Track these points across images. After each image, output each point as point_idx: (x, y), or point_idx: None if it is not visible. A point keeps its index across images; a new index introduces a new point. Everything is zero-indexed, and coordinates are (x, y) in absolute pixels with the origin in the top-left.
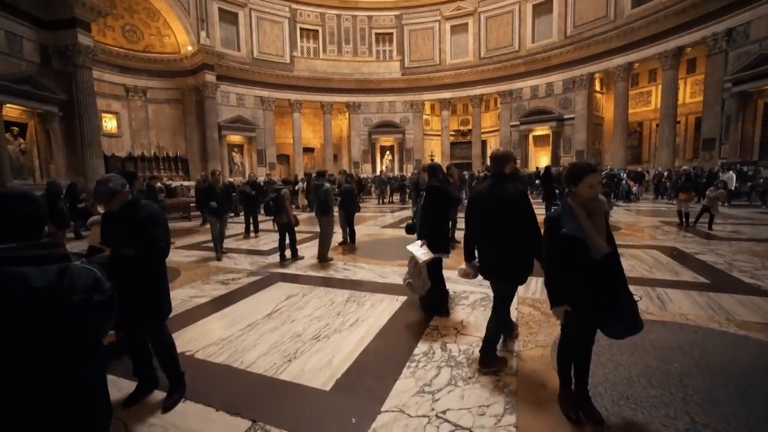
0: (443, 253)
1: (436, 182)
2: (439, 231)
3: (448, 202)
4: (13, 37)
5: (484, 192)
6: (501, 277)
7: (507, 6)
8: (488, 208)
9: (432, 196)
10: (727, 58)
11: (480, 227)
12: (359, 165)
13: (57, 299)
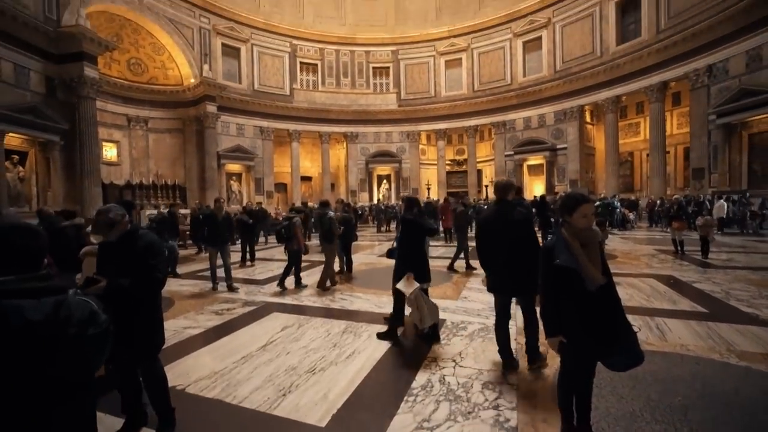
0: (424, 282)
1: (411, 215)
2: (417, 261)
3: (422, 233)
4: (21, 70)
5: (490, 216)
6: (507, 292)
7: (498, 43)
8: (496, 231)
9: (407, 228)
10: (709, 92)
11: (489, 247)
12: (356, 194)
13: (53, 332)
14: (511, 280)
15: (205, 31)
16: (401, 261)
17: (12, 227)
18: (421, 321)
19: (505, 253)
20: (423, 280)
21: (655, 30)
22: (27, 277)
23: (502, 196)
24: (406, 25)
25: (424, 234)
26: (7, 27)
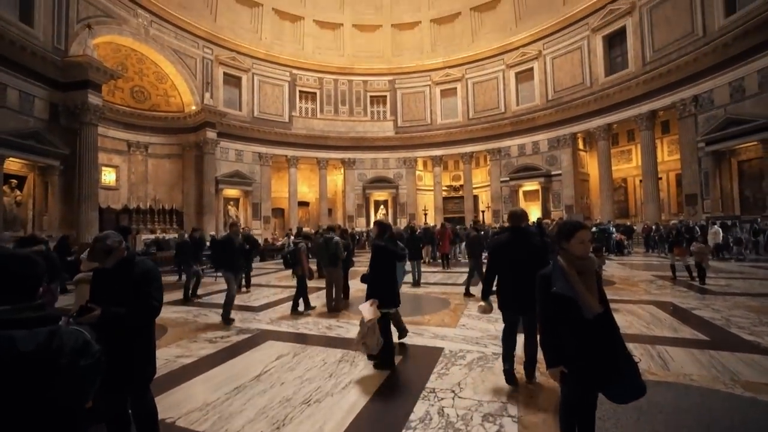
0: (391, 308)
1: (381, 240)
2: (386, 287)
3: (392, 259)
4: (26, 96)
5: (505, 241)
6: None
7: (491, 73)
8: (513, 254)
9: (377, 254)
10: (696, 121)
11: (504, 268)
12: (353, 219)
13: (44, 362)
14: (521, 299)
15: (208, 61)
16: (369, 286)
17: (11, 256)
18: (377, 346)
19: (520, 275)
20: (391, 305)
21: (641, 62)
22: (21, 307)
23: (518, 224)
24: (402, 56)
25: (393, 260)
26: (15, 56)
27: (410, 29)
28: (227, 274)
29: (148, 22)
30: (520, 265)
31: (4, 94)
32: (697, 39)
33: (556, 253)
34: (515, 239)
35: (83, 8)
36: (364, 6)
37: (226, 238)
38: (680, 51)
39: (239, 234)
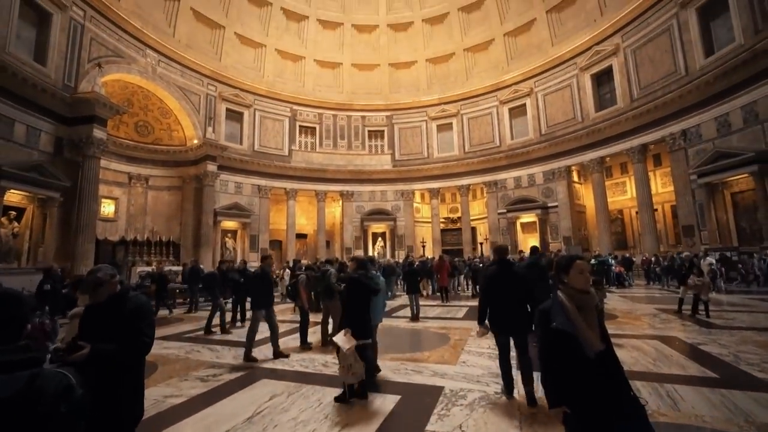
0: (365, 339)
1: (356, 274)
2: (360, 319)
3: (366, 292)
4: (33, 131)
5: (493, 273)
6: (508, 331)
7: (486, 109)
8: (501, 283)
9: (352, 286)
10: (687, 154)
11: (494, 296)
12: (351, 251)
13: (22, 409)
14: (510, 322)
15: (212, 98)
16: (344, 317)
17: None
18: (351, 376)
19: (506, 300)
20: (363, 337)
21: (629, 99)
22: (3, 349)
23: (502, 256)
24: (399, 93)
25: (367, 293)
26: (27, 93)
27: (407, 68)
28: (258, 312)
29: (155, 61)
30: (506, 291)
31: (11, 129)
32: (681, 77)
33: (555, 288)
34: (501, 270)
35: (95, 49)
36: (363, 47)
37: (262, 271)
38: (665, 88)
39: (271, 267)
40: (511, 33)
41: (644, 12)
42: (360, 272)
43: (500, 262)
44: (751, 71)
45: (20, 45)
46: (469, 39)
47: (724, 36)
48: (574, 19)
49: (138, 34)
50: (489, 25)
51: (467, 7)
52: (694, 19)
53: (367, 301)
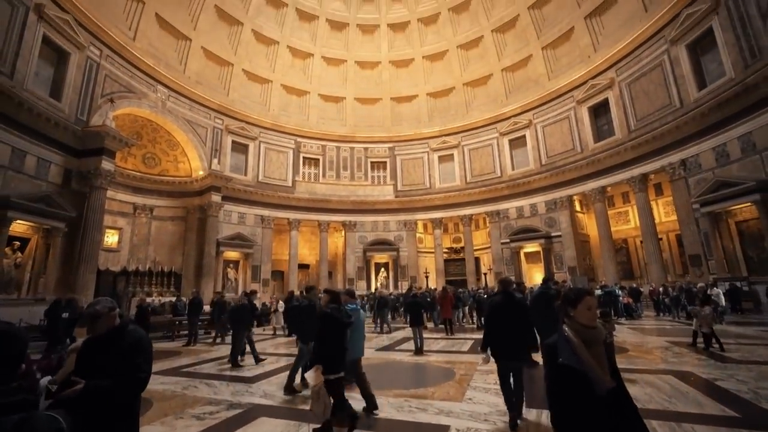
0: (337, 374)
1: (329, 308)
2: (333, 353)
3: (337, 326)
4: (43, 163)
5: (500, 302)
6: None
7: (486, 140)
8: (504, 312)
9: (325, 320)
10: (688, 183)
11: (498, 324)
12: (354, 282)
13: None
14: (511, 349)
15: (218, 130)
16: (315, 352)
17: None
18: (324, 413)
19: (508, 328)
20: (335, 371)
21: (626, 130)
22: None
23: (506, 288)
24: (401, 125)
25: (339, 327)
26: (40, 127)
27: (408, 102)
28: (305, 346)
29: (166, 96)
30: (508, 321)
31: (23, 161)
32: (676, 109)
33: (561, 322)
34: (504, 300)
35: (108, 85)
36: (366, 82)
37: (310, 303)
38: (661, 120)
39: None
40: (508, 68)
41: (636, 49)
42: (332, 306)
43: (504, 293)
44: (744, 103)
45: (38, 82)
46: (468, 74)
47: (715, 70)
48: (569, 55)
49: (150, 72)
50: (487, 61)
51: (466, 44)
52: (685, 54)
53: (339, 335)
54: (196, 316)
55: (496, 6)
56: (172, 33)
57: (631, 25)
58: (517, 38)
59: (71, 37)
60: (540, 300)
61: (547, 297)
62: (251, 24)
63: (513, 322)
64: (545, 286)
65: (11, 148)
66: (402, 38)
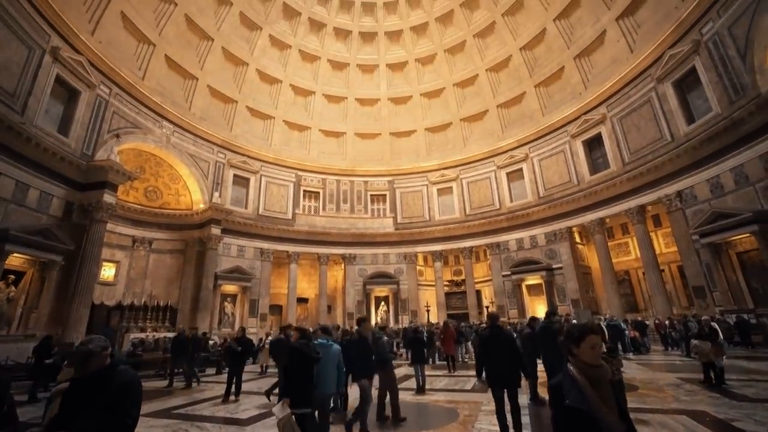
0: (305, 408)
1: (298, 343)
2: (298, 387)
3: (307, 362)
4: (45, 196)
5: (486, 336)
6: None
7: (484, 173)
8: (494, 345)
9: (293, 355)
10: (685, 214)
11: (489, 355)
12: (354, 316)
13: None
14: (503, 377)
15: (221, 164)
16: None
17: None
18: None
19: (498, 358)
20: (302, 405)
21: (621, 163)
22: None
23: (495, 322)
24: (400, 159)
25: (307, 362)
26: (46, 161)
27: (407, 136)
28: (362, 382)
29: (170, 131)
30: (498, 351)
31: (25, 194)
32: (668, 143)
33: (565, 361)
34: (493, 333)
35: (115, 121)
36: (365, 118)
37: (361, 337)
38: (654, 153)
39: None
40: (503, 105)
41: (624, 86)
42: (301, 341)
43: (492, 327)
44: (733, 137)
45: (47, 118)
46: (464, 110)
47: (701, 106)
48: (561, 92)
49: (157, 108)
50: (483, 97)
51: (461, 82)
52: (672, 91)
53: (307, 370)
54: (179, 355)
55: (490, 47)
56: (179, 72)
57: (619, 64)
58: (511, 77)
59: (83, 77)
60: (545, 335)
61: (551, 332)
62: (256, 64)
63: (502, 352)
64: (548, 321)
65: (15, 181)
66: (400, 77)
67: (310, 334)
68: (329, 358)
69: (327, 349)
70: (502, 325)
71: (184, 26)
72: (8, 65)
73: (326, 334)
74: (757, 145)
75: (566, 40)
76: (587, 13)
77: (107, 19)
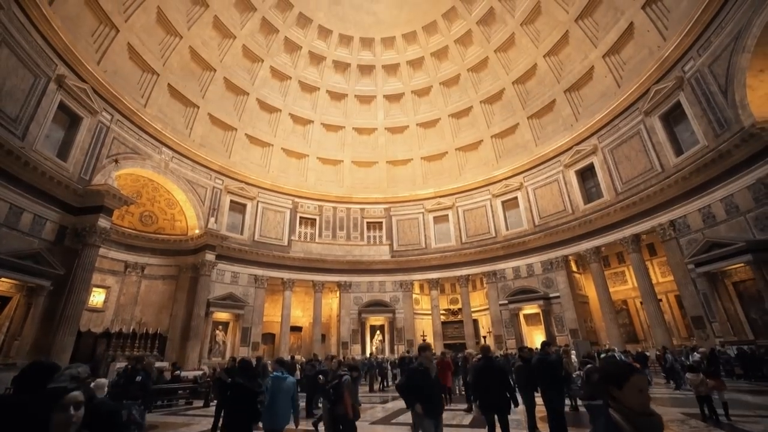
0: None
1: (241, 378)
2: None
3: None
4: (39, 220)
5: (482, 366)
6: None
7: (480, 202)
8: (486, 373)
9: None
10: (679, 243)
11: (481, 383)
12: (348, 346)
13: None
14: (494, 403)
15: (218, 190)
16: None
17: None
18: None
19: (490, 386)
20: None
21: (614, 192)
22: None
23: (487, 354)
24: (396, 187)
25: (251, 396)
26: (44, 185)
27: (403, 165)
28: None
29: (169, 157)
30: (490, 380)
31: (18, 218)
32: (659, 173)
33: (605, 407)
34: (485, 364)
35: (115, 147)
36: (363, 146)
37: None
38: (646, 183)
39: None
40: (497, 135)
41: (614, 119)
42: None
43: (485, 358)
44: (720, 169)
45: (47, 143)
46: (459, 140)
47: (688, 138)
48: (553, 124)
49: (157, 135)
50: (477, 128)
51: (456, 113)
52: (659, 124)
53: (249, 405)
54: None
55: (483, 81)
56: (181, 101)
57: (607, 98)
58: (504, 108)
59: (86, 104)
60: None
61: (547, 363)
62: (256, 94)
63: (493, 380)
64: (544, 352)
65: (9, 205)
66: (397, 107)
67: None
68: (283, 390)
69: (281, 381)
70: (493, 357)
71: (188, 57)
72: (13, 92)
73: (282, 367)
74: (744, 176)
75: (556, 74)
76: (575, 51)
77: (114, 50)
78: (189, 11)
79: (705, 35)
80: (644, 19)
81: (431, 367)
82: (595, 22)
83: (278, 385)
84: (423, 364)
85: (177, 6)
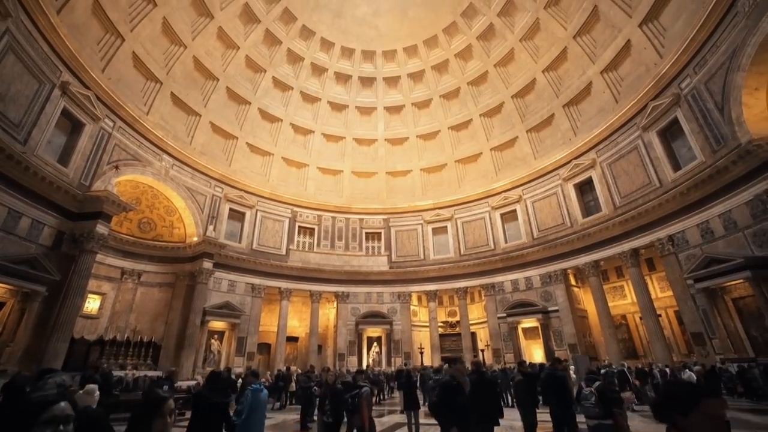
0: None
1: (207, 391)
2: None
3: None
4: (37, 224)
5: (476, 379)
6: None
7: (479, 214)
8: (479, 388)
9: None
10: (678, 259)
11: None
12: (344, 357)
13: None
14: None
15: (217, 198)
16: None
17: None
18: None
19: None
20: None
21: (612, 206)
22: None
23: (479, 368)
24: (396, 198)
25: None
26: (43, 191)
27: (403, 176)
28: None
29: (170, 165)
30: (481, 392)
31: (17, 223)
32: (657, 188)
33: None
34: (478, 379)
35: (116, 153)
36: (362, 157)
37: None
38: (644, 198)
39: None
40: (496, 148)
41: (612, 134)
42: (206, 387)
43: (478, 372)
44: (718, 184)
45: (49, 149)
46: (459, 152)
47: (686, 154)
48: (552, 138)
49: (158, 142)
50: (477, 141)
51: (456, 126)
52: (657, 140)
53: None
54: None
55: (483, 94)
56: (183, 109)
57: (605, 113)
58: (503, 122)
59: (89, 111)
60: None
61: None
62: (258, 103)
63: (485, 393)
64: (552, 368)
65: (8, 209)
66: (397, 119)
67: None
68: (260, 402)
69: (257, 393)
70: (484, 372)
71: (192, 66)
72: (17, 97)
73: (256, 378)
74: (741, 192)
75: (555, 89)
76: (574, 66)
77: (118, 58)
78: (194, 22)
79: (701, 54)
80: (641, 37)
81: (464, 382)
82: (593, 39)
83: (256, 398)
84: (456, 378)
85: (182, 17)
